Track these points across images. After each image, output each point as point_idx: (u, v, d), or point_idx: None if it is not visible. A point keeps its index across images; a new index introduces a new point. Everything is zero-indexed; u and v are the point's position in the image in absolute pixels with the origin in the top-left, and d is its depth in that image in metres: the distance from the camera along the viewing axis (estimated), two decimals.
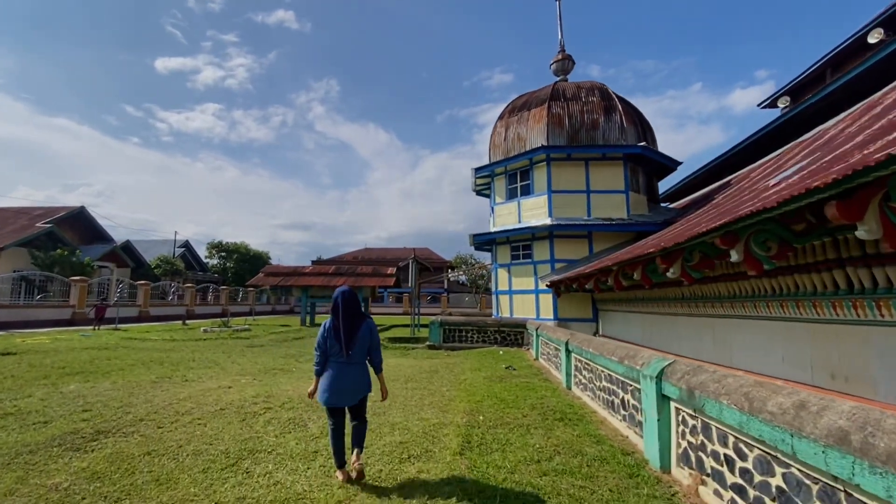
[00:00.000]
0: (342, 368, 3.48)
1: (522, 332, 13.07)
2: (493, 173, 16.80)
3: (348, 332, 3.46)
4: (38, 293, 22.19)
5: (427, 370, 9.04)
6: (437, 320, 13.27)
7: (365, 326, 3.58)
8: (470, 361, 10.26)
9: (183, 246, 41.60)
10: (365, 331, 3.57)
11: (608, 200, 14.60)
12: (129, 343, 13.04)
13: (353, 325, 3.51)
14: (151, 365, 8.93)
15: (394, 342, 13.88)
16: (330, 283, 22.95)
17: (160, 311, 25.99)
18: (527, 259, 15.30)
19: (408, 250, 52.02)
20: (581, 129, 14.98)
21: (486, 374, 8.46)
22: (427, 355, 11.66)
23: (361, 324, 3.57)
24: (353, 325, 3.50)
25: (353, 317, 3.54)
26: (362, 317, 3.61)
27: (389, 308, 41.53)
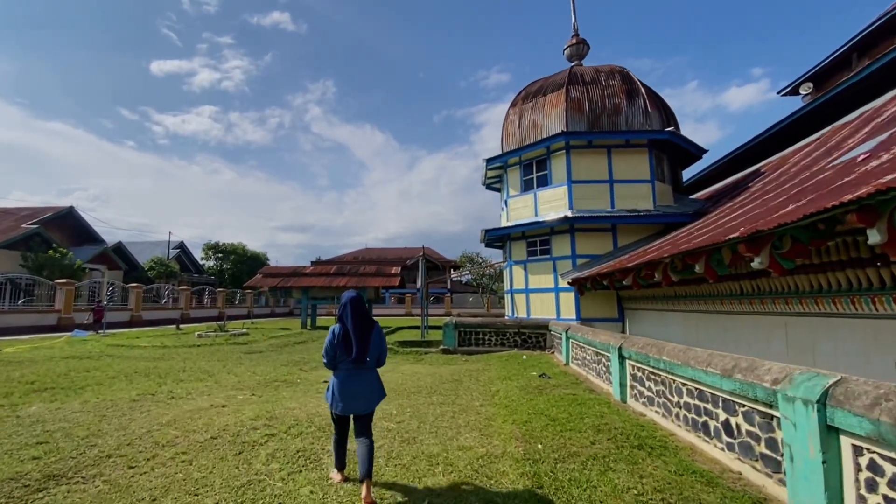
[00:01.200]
0: (355, 374, 3.38)
1: (545, 335, 12.01)
2: (506, 164, 15.74)
3: (362, 339, 3.35)
4: (23, 297, 21.03)
5: (449, 379, 7.98)
6: (452, 322, 12.21)
7: (376, 332, 3.49)
8: (494, 368, 9.19)
9: (178, 247, 40.38)
10: (376, 336, 3.48)
11: (633, 191, 13.57)
12: (115, 351, 11.92)
13: (366, 331, 3.40)
14: (135, 377, 7.83)
15: (404, 346, 12.82)
16: (331, 283, 21.85)
17: (153, 314, 24.82)
18: (545, 255, 14.25)
19: (408, 250, 50.91)
20: (602, 114, 13.95)
21: (519, 383, 7.39)
22: (443, 361, 10.59)
23: (373, 329, 3.47)
24: (365, 332, 3.39)
25: (365, 323, 3.42)
26: (372, 322, 3.50)
27: (391, 309, 40.42)
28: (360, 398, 3.35)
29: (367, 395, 3.40)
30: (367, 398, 3.40)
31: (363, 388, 3.38)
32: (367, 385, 3.42)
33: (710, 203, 13.60)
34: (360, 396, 3.35)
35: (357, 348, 3.31)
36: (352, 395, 3.33)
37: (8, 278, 21.58)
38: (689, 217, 12.53)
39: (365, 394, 3.38)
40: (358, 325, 3.37)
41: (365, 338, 3.37)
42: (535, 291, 14.44)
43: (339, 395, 3.32)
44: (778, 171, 11.67)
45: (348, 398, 3.32)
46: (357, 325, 3.37)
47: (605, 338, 7.02)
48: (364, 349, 3.35)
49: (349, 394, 3.32)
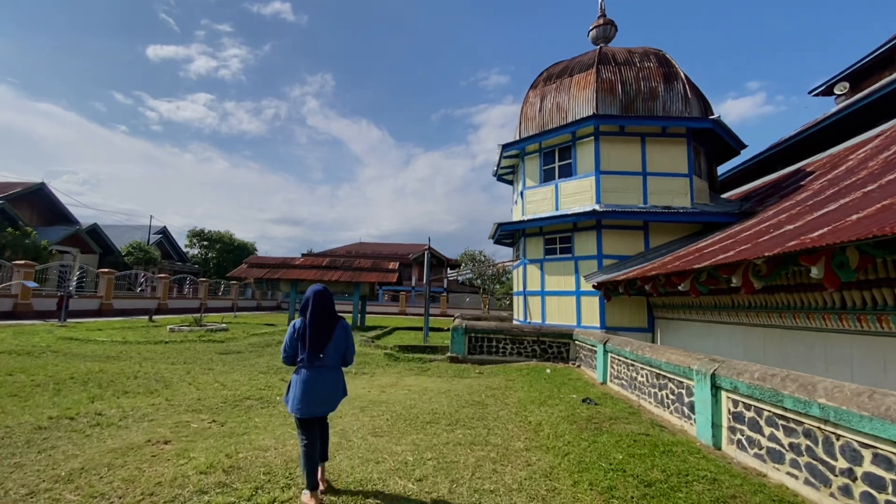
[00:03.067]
0: (317, 374, 3.17)
1: (568, 345, 10.44)
2: (524, 152, 14.14)
3: (321, 337, 3.18)
4: None
5: (469, 400, 6.35)
6: (462, 326, 10.58)
7: (339, 328, 3.30)
8: (519, 385, 7.58)
9: (160, 233, 38.16)
10: (340, 333, 3.29)
11: (668, 185, 12.05)
12: (65, 346, 10.10)
13: (328, 328, 3.22)
14: (67, 386, 6.08)
15: (405, 351, 11.18)
16: (323, 277, 20.09)
17: (126, 303, 22.83)
18: (566, 254, 12.68)
19: (405, 246, 49.15)
20: (637, 98, 12.40)
21: (561, 411, 5.80)
22: (453, 372, 8.96)
23: (335, 326, 3.28)
24: (327, 329, 3.22)
25: (327, 319, 3.24)
26: (336, 318, 3.31)
27: (385, 307, 38.63)
28: (322, 400, 3.19)
29: (329, 397, 3.24)
30: (329, 399, 3.25)
31: (325, 388, 3.20)
32: (330, 385, 3.25)
33: (750, 203, 12.14)
34: (322, 398, 3.18)
35: (315, 344, 3.14)
36: (313, 396, 3.14)
37: None
38: (735, 217, 11.04)
39: (326, 395, 3.21)
40: (320, 320, 3.20)
41: (326, 334, 3.21)
42: (552, 294, 12.87)
43: (300, 396, 3.12)
44: (837, 171, 10.24)
45: (310, 400, 3.13)
46: (319, 321, 3.20)
47: (680, 358, 5.43)
48: (322, 346, 3.17)
49: (311, 395, 3.13)
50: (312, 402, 3.13)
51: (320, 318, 3.21)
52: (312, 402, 3.13)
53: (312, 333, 3.15)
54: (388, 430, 4.76)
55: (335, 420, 5.06)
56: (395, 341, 14.27)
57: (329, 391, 3.22)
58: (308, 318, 3.18)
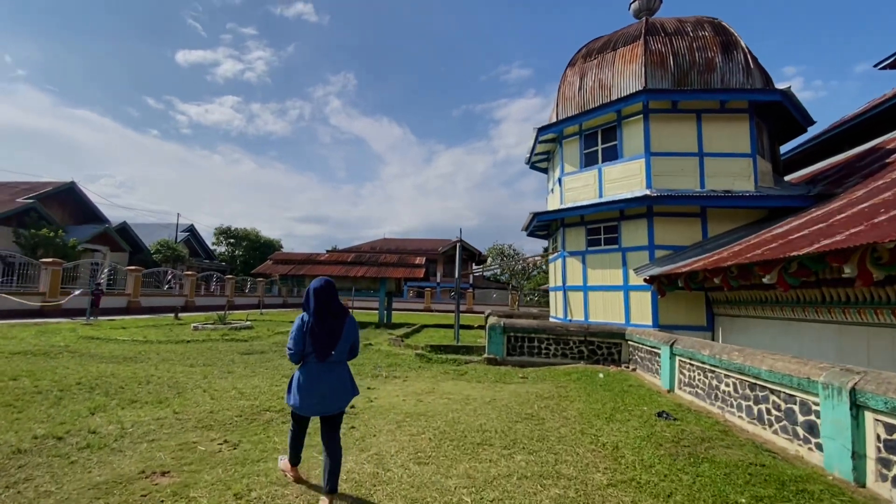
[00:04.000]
0: (324, 370, 3.01)
1: (620, 345, 9.38)
2: (562, 135, 13.05)
3: (333, 335, 3.00)
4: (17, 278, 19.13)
5: (520, 413, 5.43)
6: (500, 325, 9.64)
7: (348, 323, 3.10)
8: (574, 394, 6.61)
9: (187, 231, 38.50)
10: (349, 326, 3.11)
11: (728, 167, 10.77)
12: (84, 346, 9.66)
13: (338, 325, 3.03)
14: (70, 394, 5.45)
15: (436, 352, 10.32)
16: (349, 273, 19.46)
17: (154, 301, 22.79)
18: (611, 245, 11.56)
19: (429, 241, 48.40)
20: (691, 70, 11.14)
21: (637, 428, 4.82)
22: (494, 376, 8.04)
23: (345, 322, 3.07)
24: (337, 326, 3.03)
25: (334, 314, 3.05)
26: (344, 312, 3.12)
27: (410, 304, 37.97)
28: (328, 398, 3.01)
29: (338, 394, 3.05)
30: (338, 397, 3.05)
31: (333, 385, 3.02)
32: (337, 382, 3.05)
33: (819, 186, 10.73)
34: (329, 396, 3.00)
35: (325, 341, 2.97)
36: (320, 393, 2.98)
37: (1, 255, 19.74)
38: (810, 201, 9.72)
39: (335, 392, 3.03)
40: (327, 315, 3.02)
41: (334, 330, 3.01)
42: (595, 289, 11.78)
43: (305, 394, 2.98)
44: None
45: (316, 398, 2.98)
46: (326, 316, 3.01)
47: (791, 366, 4.37)
48: (332, 343, 2.99)
49: (317, 393, 2.98)
50: (319, 399, 2.98)
51: (328, 316, 3.02)
52: (319, 401, 2.98)
53: (323, 333, 2.98)
54: (434, 455, 3.89)
55: (368, 440, 4.23)
56: (425, 340, 13.46)
57: (337, 388, 3.05)
58: (314, 316, 3.00)
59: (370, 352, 10.44)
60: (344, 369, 3.15)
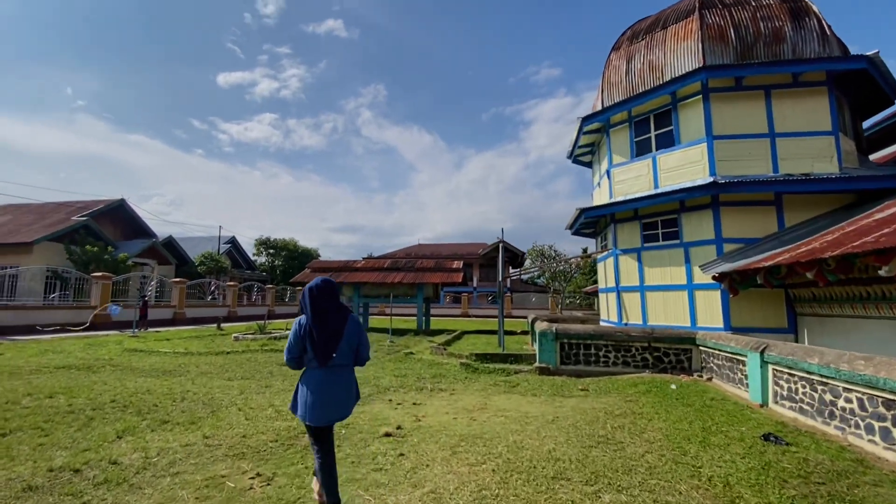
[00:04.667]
0: (328, 376, 2.83)
1: (690, 351, 8.37)
2: (608, 123, 12.12)
3: (332, 337, 2.80)
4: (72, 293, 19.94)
5: (591, 435, 4.65)
6: (551, 331, 8.83)
7: (350, 323, 2.90)
8: (652, 411, 5.74)
9: (229, 242, 39.59)
10: (351, 328, 2.90)
11: (806, 147, 9.56)
12: (127, 359, 9.58)
13: (337, 325, 2.83)
14: (102, 413, 5.13)
15: (482, 361, 9.61)
16: (385, 279, 19.07)
17: (198, 312, 23.25)
18: (671, 241, 10.52)
19: (464, 245, 47.76)
20: (757, 42, 10.01)
21: (743, 455, 3.97)
22: (550, 388, 7.25)
23: (345, 321, 2.88)
24: (336, 327, 2.83)
25: (334, 315, 2.85)
26: (345, 312, 2.92)
27: (447, 309, 37.38)
28: (335, 405, 2.82)
29: (343, 401, 2.88)
30: (343, 404, 2.88)
31: (338, 392, 2.84)
32: (343, 388, 2.88)
33: None
34: (335, 403, 2.82)
35: (325, 344, 2.77)
36: (326, 401, 2.79)
37: (55, 272, 20.65)
38: None
39: (340, 399, 2.85)
40: (326, 316, 2.82)
41: (335, 333, 2.82)
42: (654, 289, 10.75)
43: (311, 402, 2.76)
44: None
45: (323, 405, 2.77)
46: (324, 317, 2.81)
47: None
48: (333, 346, 2.79)
49: (324, 400, 2.78)
50: (327, 406, 2.79)
51: (326, 316, 2.83)
52: (327, 407, 2.79)
53: (321, 335, 2.78)
54: (502, 494, 3.20)
55: (421, 472, 3.60)
56: (468, 347, 12.76)
57: (344, 394, 2.89)
58: (312, 317, 2.81)
59: (412, 361, 9.86)
60: (348, 374, 2.96)
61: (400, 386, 7.19)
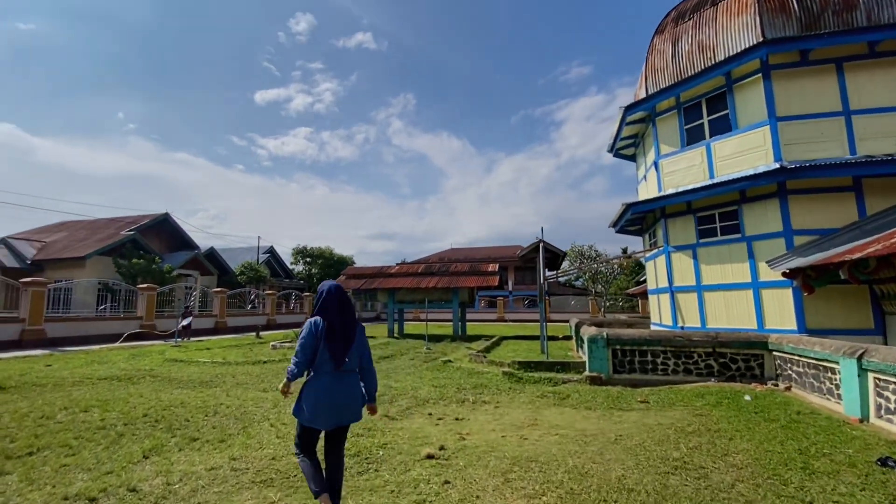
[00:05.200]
0: (337, 379, 2.80)
1: (761, 357, 7.48)
2: (654, 112, 11.29)
3: (348, 339, 2.84)
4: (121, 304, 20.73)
5: (664, 458, 4.01)
6: (602, 336, 8.13)
7: (360, 328, 2.99)
8: (729, 427, 5.00)
9: (267, 252, 40.53)
10: (361, 333, 2.98)
11: (889, 124, 8.47)
12: (166, 369, 9.58)
13: (350, 329, 2.88)
14: (133, 429, 4.91)
15: (526, 369, 8.98)
16: (419, 284, 18.73)
17: (239, 320, 23.68)
18: (731, 235, 9.60)
19: (498, 248, 47.03)
20: (824, 11, 9.00)
21: (861, 485, 3.27)
22: (604, 400, 6.57)
23: (356, 327, 2.95)
24: (352, 331, 2.88)
25: (351, 320, 2.91)
26: (356, 318, 2.97)
27: (482, 314, 36.71)
28: (344, 408, 2.80)
29: (352, 404, 2.84)
30: (352, 407, 2.85)
31: (348, 395, 2.81)
32: (353, 392, 2.86)
33: None
34: (344, 406, 2.80)
35: (342, 346, 2.79)
36: (336, 404, 2.76)
37: (106, 285, 21.54)
38: None
39: (349, 403, 2.82)
40: (346, 320, 2.86)
41: (350, 337, 2.86)
42: (713, 289, 9.82)
43: (321, 406, 2.74)
44: None
45: (332, 409, 2.75)
46: (344, 321, 2.85)
47: None
48: (348, 348, 2.83)
49: (333, 404, 2.75)
50: (335, 410, 2.77)
51: (341, 320, 2.86)
52: (334, 411, 2.77)
53: (340, 336, 2.81)
54: None
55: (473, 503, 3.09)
56: (508, 354, 12.14)
57: (351, 397, 2.85)
58: (332, 316, 2.84)
59: (450, 369, 9.37)
60: (356, 379, 2.95)
61: (439, 398, 6.72)
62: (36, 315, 13.69)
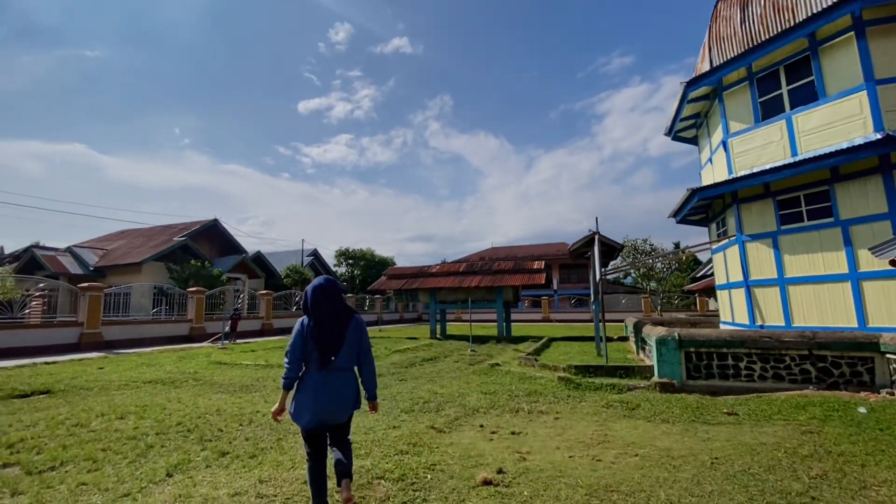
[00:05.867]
0: (327, 378, 2.68)
1: (870, 361, 6.31)
2: (720, 85, 10.12)
3: (335, 340, 2.68)
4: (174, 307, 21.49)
5: (780, 490, 3.18)
6: (673, 337, 7.19)
7: (354, 323, 2.81)
8: (857, 450, 4.04)
9: (311, 255, 41.28)
10: (354, 329, 2.80)
11: None
12: (209, 373, 9.48)
13: (339, 325, 2.72)
14: (163, 440, 4.59)
15: (584, 374, 8.14)
16: (461, 283, 18.11)
17: (285, 322, 23.99)
18: (821, 219, 8.35)
19: (540, 247, 45.69)
20: None
21: None
22: (684, 411, 5.68)
23: (350, 321, 2.80)
24: (338, 327, 2.72)
25: (336, 317, 2.73)
26: (349, 313, 2.81)
27: (526, 314, 35.64)
28: (333, 407, 2.67)
29: (342, 403, 2.70)
30: (342, 406, 2.71)
31: (337, 394, 2.67)
32: (341, 390, 2.70)
33: None
34: (333, 405, 2.66)
35: (327, 345, 2.64)
36: (323, 402, 2.63)
37: (159, 289, 22.42)
38: None
39: (340, 401, 2.69)
40: (328, 320, 2.68)
41: (337, 334, 2.70)
42: (799, 282, 8.58)
43: (307, 404, 2.63)
44: None
45: (318, 407, 2.62)
46: (325, 318, 2.68)
47: None
48: (335, 347, 2.67)
49: (319, 401, 2.63)
50: (321, 410, 2.63)
51: (327, 317, 2.69)
52: (321, 411, 2.63)
53: (322, 335, 2.65)
54: None
55: None
56: (561, 357, 11.28)
57: (343, 396, 2.70)
58: (314, 318, 2.68)
59: (499, 374, 8.68)
60: (349, 377, 2.81)
61: (491, 406, 6.06)
62: (93, 319, 14.22)
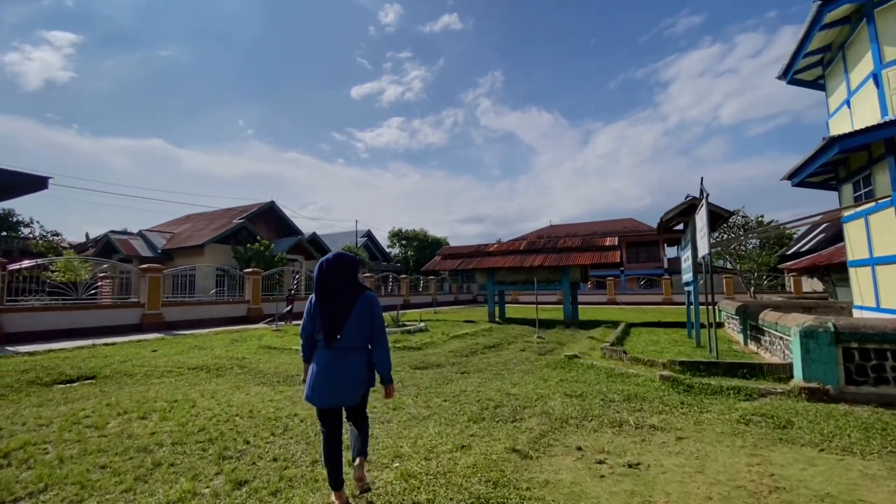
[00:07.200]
0: (334, 357, 2.60)
1: None
2: (872, 2, 7.75)
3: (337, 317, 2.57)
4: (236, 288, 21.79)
5: None
6: (827, 329, 5.40)
7: (361, 303, 2.65)
8: None
9: (365, 236, 41.23)
10: (363, 307, 2.65)
11: None
12: (257, 358, 8.83)
13: (343, 304, 2.60)
14: (176, 453, 3.69)
15: (694, 373, 6.48)
16: (523, 263, 16.59)
17: None
18: None
19: (602, 223, 42.72)
20: None
21: None
22: (868, 434, 4.03)
23: (358, 298, 2.65)
24: (342, 305, 2.60)
25: (341, 293, 2.62)
26: (360, 289, 2.68)
27: (589, 296, 33.41)
28: (337, 388, 2.58)
29: (347, 384, 2.60)
30: (347, 388, 2.60)
31: (342, 375, 2.59)
32: (347, 371, 2.61)
33: None
34: (337, 386, 2.58)
35: (330, 323, 2.56)
36: (327, 382, 2.57)
37: (222, 270, 22.83)
38: None
39: (344, 382, 2.60)
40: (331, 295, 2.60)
41: (342, 311, 2.59)
42: None
43: (313, 383, 2.59)
44: None
45: (322, 386, 2.56)
46: (329, 293, 2.60)
47: None
48: (339, 327, 2.57)
49: (324, 381, 2.57)
50: (325, 388, 2.56)
51: (332, 293, 2.60)
52: (325, 390, 2.56)
53: (326, 312, 2.58)
54: None
55: None
56: (649, 348, 9.58)
57: (348, 378, 2.60)
58: (317, 293, 2.64)
59: (580, 368, 7.24)
60: (357, 357, 2.65)
61: (583, 417, 4.69)
62: (154, 300, 14.31)
